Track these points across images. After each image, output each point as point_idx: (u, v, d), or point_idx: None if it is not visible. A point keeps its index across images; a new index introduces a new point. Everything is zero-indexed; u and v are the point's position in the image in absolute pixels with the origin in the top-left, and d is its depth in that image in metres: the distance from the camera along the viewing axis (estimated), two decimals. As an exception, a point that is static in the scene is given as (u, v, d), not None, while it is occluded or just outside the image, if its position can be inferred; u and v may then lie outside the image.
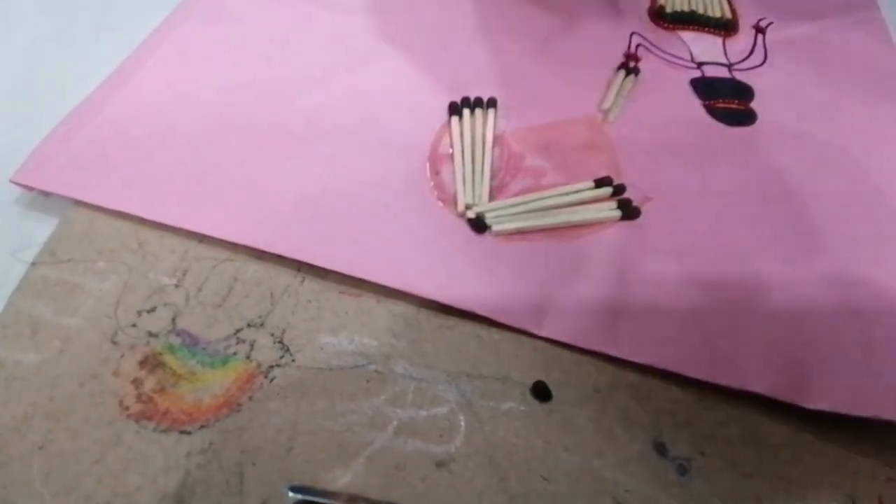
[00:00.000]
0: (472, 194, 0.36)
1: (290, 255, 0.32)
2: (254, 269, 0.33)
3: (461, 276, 0.33)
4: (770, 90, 0.45)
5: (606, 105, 0.42)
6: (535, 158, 0.39)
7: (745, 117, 0.43)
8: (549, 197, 0.36)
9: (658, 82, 0.45)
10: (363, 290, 0.32)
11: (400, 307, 0.32)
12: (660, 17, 0.50)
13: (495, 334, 0.31)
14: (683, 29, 0.49)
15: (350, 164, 0.37)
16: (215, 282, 0.32)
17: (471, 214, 0.35)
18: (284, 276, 0.32)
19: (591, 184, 0.37)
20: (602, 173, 0.38)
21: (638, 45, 0.47)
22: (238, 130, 0.39)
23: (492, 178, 0.37)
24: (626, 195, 0.37)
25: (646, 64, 0.46)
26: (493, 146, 0.39)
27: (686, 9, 0.50)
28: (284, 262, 0.33)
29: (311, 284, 0.32)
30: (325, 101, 0.41)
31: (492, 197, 0.36)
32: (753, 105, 0.44)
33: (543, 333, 0.32)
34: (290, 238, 0.33)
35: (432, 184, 0.37)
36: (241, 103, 0.40)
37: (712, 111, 0.44)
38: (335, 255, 0.33)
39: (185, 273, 0.33)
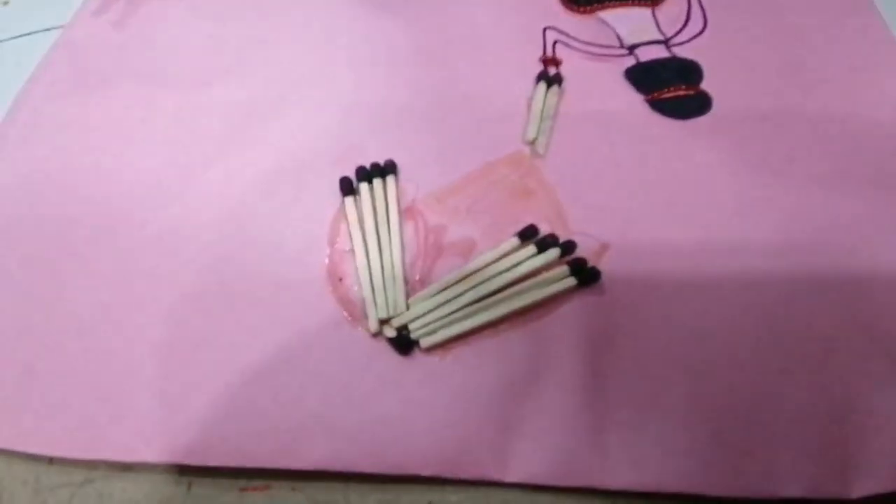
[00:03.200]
0: (387, 303, 0.28)
1: (164, 461, 0.24)
2: (121, 487, 0.25)
3: (393, 426, 0.25)
4: (719, 62, 0.37)
5: (531, 135, 0.34)
6: (458, 227, 0.31)
7: (698, 105, 0.36)
8: (483, 281, 0.28)
9: (588, 85, 0.37)
10: (270, 478, 0.25)
11: (323, 491, 0.24)
12: (573, 0, 0.42)
13: (451, 495, 0.24)
14: (603, 8, 0.41)
15: (223, 304, 0.28)
16: (76, 517, 0.25)
17: (390, 333, 0.27)
18: (164, 488, 0.25)
19: (533, 247, 0.29)
20: (543, 228, 0.31)
21: (555, 43, 0.39)
22: (71, 281, 0.29)
23: (408, 270, 0.29)
24: (577, 254, 0.29)
25: (569, 64, 0.38)
26: (403, 224, 0.31)
27: (601, -17, 0.42)
28: (159, 469, 0.25)
29: (201, 489, 0.24)
30: (180, 214, 0.31)
31: (412, 297, 0.29)
32: (705, 85, 0.37)
33: (511, 479, 0.24)
34: (158, 437, 0.25)
35: (335, 297, 0.29)
36: (73, 243, 0.31)
37: (659, 105, 0.36)
38: (218, 444, 0.25)
39: (42, 509, 0.25)
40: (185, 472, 0.25)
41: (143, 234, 0.31)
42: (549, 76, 0.37)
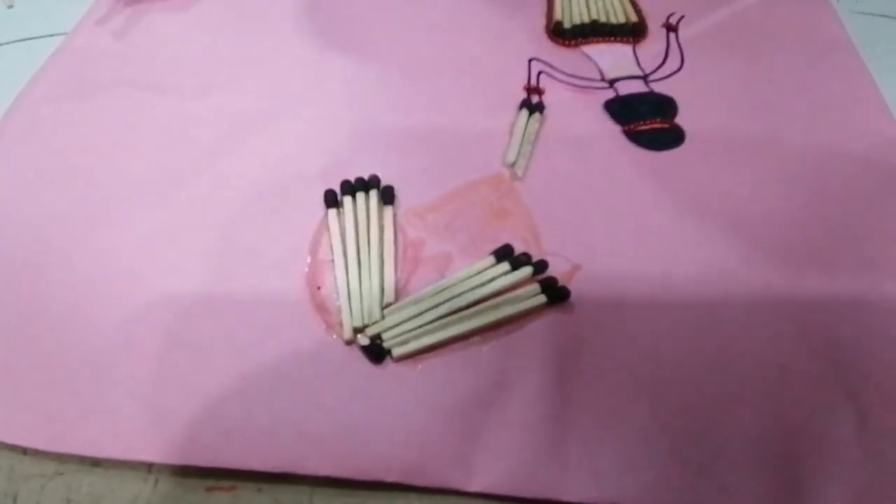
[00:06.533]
0: (361, 311, 0.29)
1: (132, 458, 0.25)
2: (89, 482, 0.25)
3: (361, 432, 0.26)
4: (694, 98, 0.39)
5: (511, 158, 0.35)
6: (436, 243, 0.32)
7: (671, 138, 0.37)
8: (457, 295, 0.29)
9: (568, 114, 0.39)
10: (237, 479, 0.25)
11: (289, 494, 0.25)
12: (558, 34, 0.43)
13: (414, 502, 0.24)
14: (587, 43, 0.43)
15: (201, 307, 0.29)
16: (42, 508, 0.25)
17: (363, 341, 0.28)
18: (131, 484, 0.25)
19: (507, 264, 0.30)
20: (518, 247, 0.32)
21: (539, 73, 0.41)
22: (51, 278, 0.30)
23: (385, 282, 0.30)
24: (548, 273, 0.30)
25: (552, 94, 0.40)
26: (384, 237, 0.32)
27: (586, 20, 0.44)
28: (127, 465, 0.25)
29: (167, 487, 0.25)
30: (165, 218, 0.32)
31: (388, 307, 0.29)
32: (679, 120, 0.39)
33: (474, 488, 0.25)
34: (127, 434, 0.25)
35: (312, 305, 0.30)
36: (56, 241, 0.31)
37: (635, 137, 0.37)
38: (187, 444, 0.25)
39: (14, 499, 0.25)
40: (153, 469, 0.25)
41: (126, 236, 0.32)
42: (532, 104, 0.38)
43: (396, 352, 0.28)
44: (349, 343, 0.28)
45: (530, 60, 0.42)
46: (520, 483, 0.25)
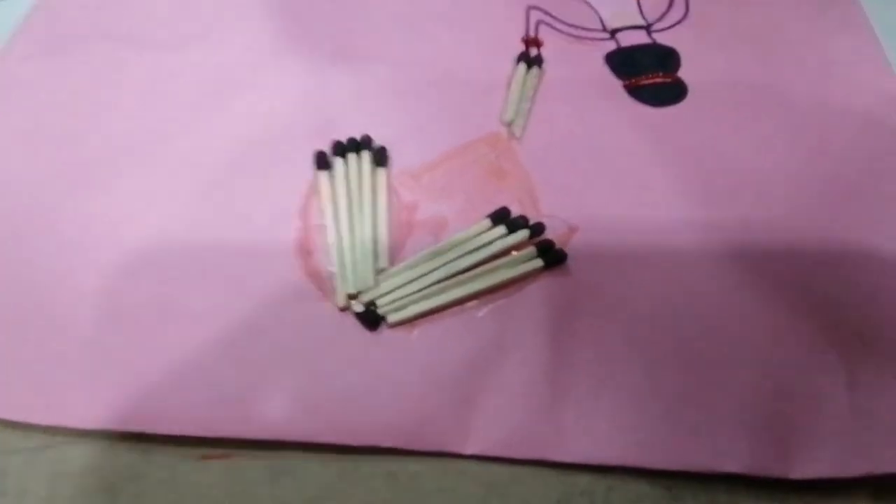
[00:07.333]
0: (355, 277, 0.28)
1: (124, 428, 0.24)
2: (79, 453, 0.24)
3: (356, 398, 0.25)
4: (697, 49, 0.38)
5: (508, 116, 0.34)
6: (431, 205, 0.31)
7: (673, 93, 0.36)
8: (452, 260, 0.28)
9: (568, 67, 0.37)
10: (232, 447, 0.25)
11: (282, 460, 0.25)
12: (557, -21, 0.41)
13: (412, 465, 0.25)
14: (588, -10, 0.41)
15: (189, 273, 0.28)
16: (33, 482, 0.24)
17: (358, 307, 0.27)
18: (124, 454, 0.24)
19: (503, 227, 0.29)
20: (515, 209, 0.31)
21: (538, 23, 0.39)
22: (32, 245, 0.29)
23: (378, 247, 0.29)
24: (546, 236, 0.30)
25: (550, 45, 0.38)
26: (377, 200, 0.31)
27: (587, -36, 0.42)
28: (120, 436, 0.25)
29: (161, 456, 0.24)
30: (150, 180, 0.31)
31: (382, 272, 0.29)
32: (681, 73, 0.37)
33: (470, 451, 0.25)
34: (118, 404, 0.25)
35: (304, 271, 0.29)
36: (37, 206, 0.30)
37: (636, 91, 0.36)
38: (180, 413, 0.24)
39: (4, 474, 0.24)
40: (145, 439, 0.25)
41: (109, 199, 0.30)
42: (530, 57, 0.37)
43: (392, 318, 0.27)
44: (343, 310, 0.28)
45: (528, 9, 0.39)
46: (515, 444, 0.25)
